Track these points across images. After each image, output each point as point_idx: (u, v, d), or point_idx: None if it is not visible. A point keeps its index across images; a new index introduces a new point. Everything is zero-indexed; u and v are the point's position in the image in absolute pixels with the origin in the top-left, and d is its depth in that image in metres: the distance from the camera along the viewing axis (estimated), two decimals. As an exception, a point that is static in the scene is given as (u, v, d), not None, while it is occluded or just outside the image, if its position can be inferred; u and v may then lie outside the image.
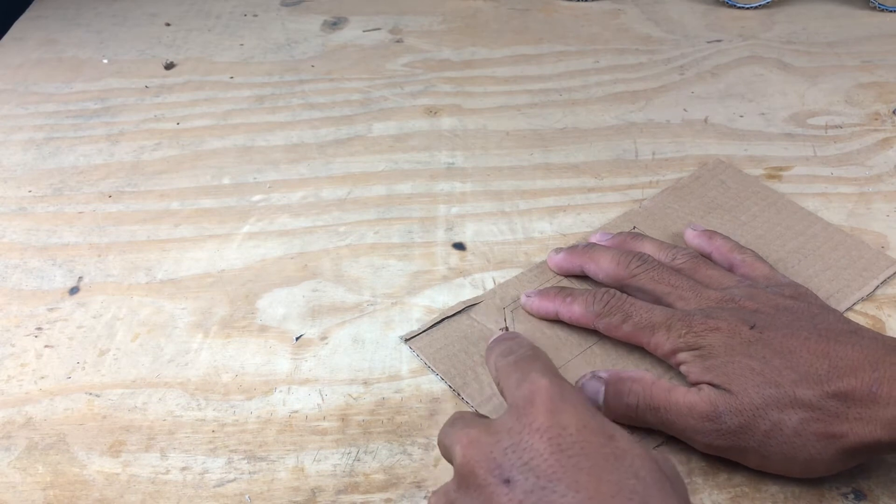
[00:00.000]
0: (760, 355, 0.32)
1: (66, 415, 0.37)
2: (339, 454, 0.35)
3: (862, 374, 0.30)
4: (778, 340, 0.32)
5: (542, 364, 0.30)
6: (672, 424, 0.33)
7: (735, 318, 0.33)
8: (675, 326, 0.34)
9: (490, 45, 0.63)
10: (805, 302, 0.35)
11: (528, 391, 0.27)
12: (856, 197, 0.47)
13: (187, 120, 0.56)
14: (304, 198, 0.49)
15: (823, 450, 0.30)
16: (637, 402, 0.33)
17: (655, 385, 0.33)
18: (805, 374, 0.31)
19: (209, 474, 0.35)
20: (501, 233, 0.46)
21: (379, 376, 0.38)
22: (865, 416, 0.30)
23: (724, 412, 0.31)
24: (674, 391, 0.33)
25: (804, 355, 0.32)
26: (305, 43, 0.64)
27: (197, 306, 0.42)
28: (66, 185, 0.50)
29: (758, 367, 0.32)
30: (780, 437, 0.31)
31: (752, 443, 0.31)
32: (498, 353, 0.32)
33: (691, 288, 0.37)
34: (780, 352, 0.32)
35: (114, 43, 0.65)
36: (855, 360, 0.31)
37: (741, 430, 0.31)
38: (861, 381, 0.30)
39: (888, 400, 0.30)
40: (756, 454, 0.32)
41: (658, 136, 0.53)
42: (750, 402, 0.31)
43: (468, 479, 0.26)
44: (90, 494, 0.34)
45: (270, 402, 0.37)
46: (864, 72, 0.58)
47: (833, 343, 0.32)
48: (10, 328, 0.41)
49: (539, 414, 0.26)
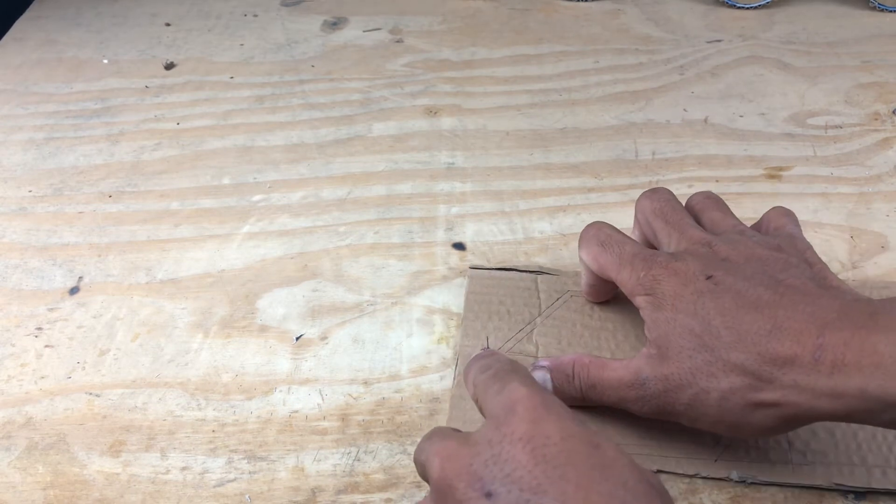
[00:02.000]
0: (703, 313, 0.30)
1: (67, 415, 0.37)
2: (339, 454, 0.35)
3: (805, 337, 0.28)
4: (729, 296, 0.30)
5: (522, 375, 0.28)
6: (609, 399, 0.33)
7: (697, 265, 0.32)
8: (637, 265, 0.33)
9: (490, 45, 0.63)
10: (787, 253, 0.33)
11: (508, 400, 0.26)
12: (856, 197, 0.47)
13: (187, 120, 0.56)
14: (304, 198, 0.49)
15: (750, 416, 0.29)
16: (580, 383, 0.34)
17: (591, 364, 0.33)
18: (743, 334, 0.29)
19: (209, 474, 0.35)
20: (501, 233, 0.46)
21: (379, 376, 0.38)
22: (803, 384, 0.28)
23: (649, 378, 0.31)
24: (607, 366, 0.33)
25: (750, 313, 0.29)
26: (305, 43, 0.64)
27: (197, 306, 0.42)
28: (66, 185, 0.50)
29: (697, 329, 0.30)
30: (705, 402, 0.30)
31: (679, 407, 0.31)
32: (476, 370, 0.30)
33: (678, 225, 0.35)
34: (726, 309, 0.30)
35: (114, 43, 0.65)
36: (801, 321, 0.28)
37: (665, 394, 0.31)
38: (802, 346, 0.28)
39: (831, 368, 0.27)
40: (684, 417, 0.31)
41: (658, 136, 0.53)
42: (678, 368, 0.30)
43: (447, 495, 0.25)
44: (90, 494, 0.34)
45: (270, 402, 0.37)
46: (864, 72, 0.58)
47: (786, 300, 0.29)
48: (11, 328, 0.41)
49: (520, 423, 0.25)
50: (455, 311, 0.41)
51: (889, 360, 0.26)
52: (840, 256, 0.43)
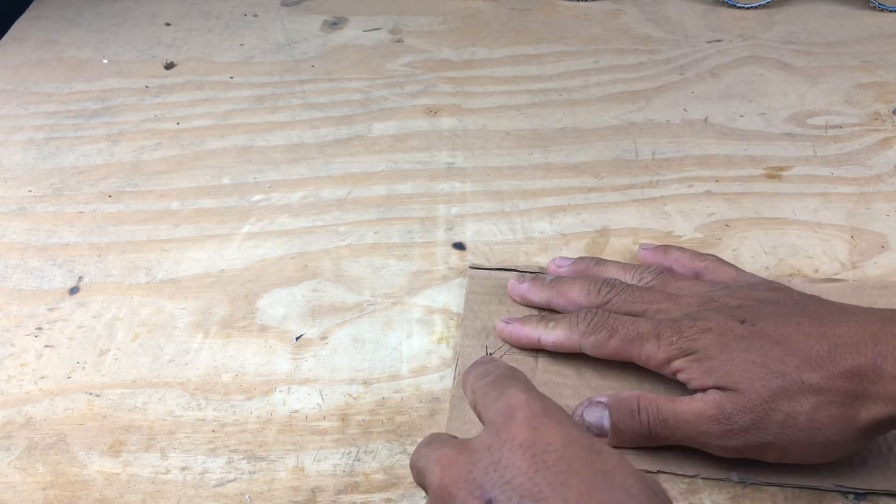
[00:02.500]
0: (758, 347, 0.31)
1: (67, 415, 0.37)
2: (339, 454, 0.35)
3: (864, 349, 0.30)
4: (771, 329, 0.32)
5: (521, 381, 0.28)
6: (684, 434, 0.32)
7: (723, 316, 0.33)
8: (664, 334, 0.33)
9: (490, 45, 0.63)
10: (783, 293, 0.35)
11: (507, 406, 0.26)
12: (856, 197, 0.47)
13: (187, 120, 0.56)
14: (304, 198, 0.49)
15: (840, 432, 0.30)
16: (648, 419, 0.33)
17: (659, 399, 0.33)
18: (807, 359, 0.30)
19: (209, 474, 0.35)
20: (501, 233, 0.46)
21: (379, 376, 0.38)
22: (874, 392, 0.29)
23: (734, 412, 0.31)
24: (678, 401, 0.32)
25: (801, 339, 0.31)
26: (305, 43, 0.64)
27: (197, 306, 0.42)
28: (66, 185, 0.50)
29: (759, 360, 0.31)
30: (795, 426, 0.30)
31: (768, 437, 0.30)
32: (474, 376, 0.30)
33: (668, 299, 0.36)
34: (776, 340, 0.31)
35: (114, 43, 0.65)
36: (854, 336, 0.30)
37: (754, 426, 0.30)
38: (865, 357, 0.30)
39: (894, 373, 0.29)
40: (773, 448, 0.31)
41: (658, 136, 0.53)
42: (758, 397, 0.30)
43: (446, 503, 0.25)
44: (90, 494, 0.34)
45: (270, 401, 0.37)
46: (864, 72, 0.58)
47: (827, 323, 0.31)
48: (11, 328, 0.41)
49: (520, 429, 0.25)
50: (455, 311, 0.41)
51: None
52: (840, 256, 0.43)
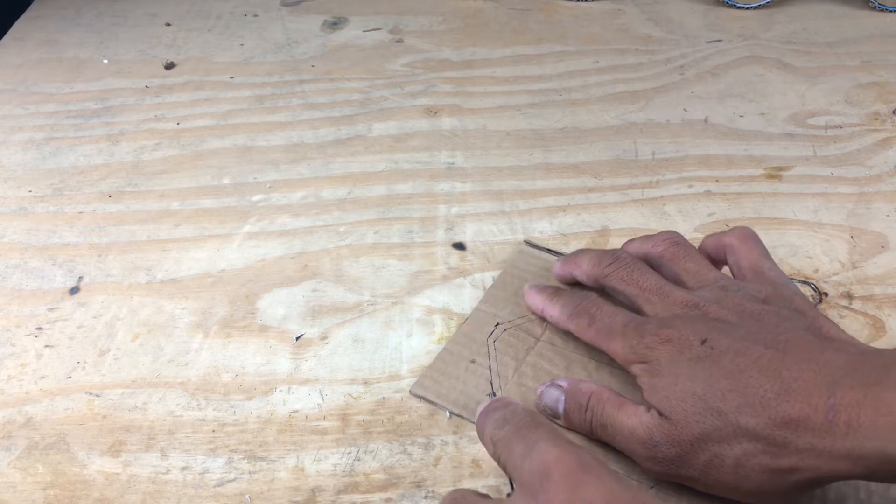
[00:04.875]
0: (706, 375, 0.29)
1: (67, 415, 0.37)
2: (339, 454, 0.35)
3: (815, 397, 0.27)
4: (728, 358, 0.29)
5: (547, 430, 0.26)
6: (618, 444, 0.32)
7: (689, 329, 0.31)
8: (628, 335, 0.32)
9: (490, 45, 0.63)
10: (777, 305, 0.32)
11: (540, 464, 0.24)
12: (856, 197, 0.47)
13: (187, 120, 0.56)
14: (304, 198, 0.49)
15: (769, 482, 0.28)
16: (592, 418, 0.32)
17: (609, 401, 0.32)
18: (752, 399, 0.28)
19: (209, 474, 0.35)
20: (501, 233, 0.46)
21: (379, 376, 0.38)
22: (820, 448, 0.26)
23: (661, 442, 0.29)
24: (623, 410, 0.31)
25: (754, 375, 0.28)
26: (305, 43, 0.64)
27: (197, 306, 0.42)
28: (66, 185, 0.50)
29: (700, 392, 0.29)
30: (721, 468, 0.28)
31: (693, 472, 0.29)
32: (492, 426, 0.29)
33: (659, 291, 0.34)
34: (728, 372, 0.29)
35: (114, 43, 0.65)
36: (809, 380, 0.27)
37: (679, 459, 0.29)
38: (814, 407, 0.26)
39: (846, 430, 0.26)
40: (698, 483, 0.30)
41: (658, 136, 0.53)
42: (689, 433, 0.29)
43: None
44: (90, 494, 0.34)
45: (270, 401, 0.37)
46: (863, 72, 0.58)
47: (790, 358, 0.28)
48: (11, 328, 0.41)
49: (557, 489, 0.23)
50: (455, 311, 0.41)
51: None
52: (840, 256, 0.43)
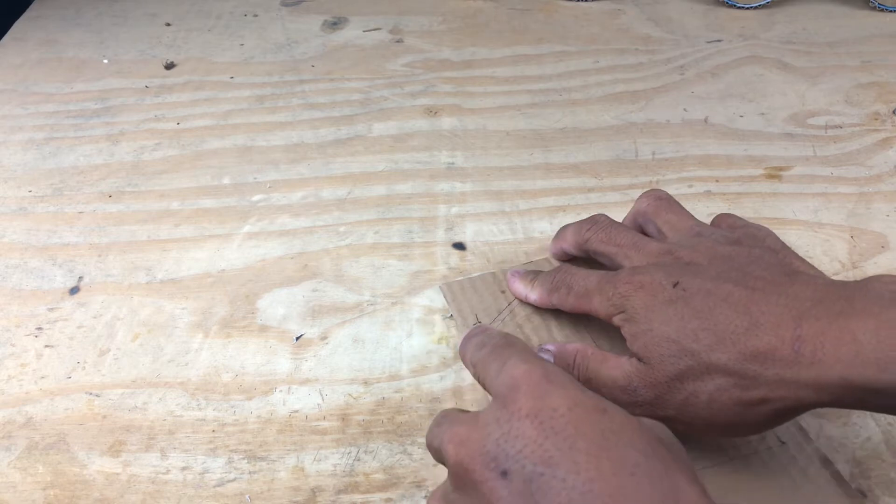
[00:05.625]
0: (679, 317, 0.30)
1: (67, 415, 0.37)
2: (339, 454, 0.35)
3: (783, 330, 0.28)
4: (699, 298, 0.30)
5: (519, 349, 0.28)
6: (604, 395, 0.32)
7: (661, 274, 0.32)
8: (604, 289, 0.34)
9: (490, 45, 0.63)
10: (748, 246, 0.33)
11: (510, 377, 0.26)
12: (856, 197, 0.47)
13: (187, 120, 0.56)
14: (304, 198, 0.49)
15: (741, 414, 0.29)
16: (578, 374, 0.33)
17: (592, 356, 0.33)
18: (722, 336, 0.29)
19: (209, 474, 0.35)
20: (501, 233, 0.46)
21: (379, 376, 0.38)
22: (787, 378, 0.28)
23: (639, 386, 0.31)
24: (605, 363, 0.33)
25: (724, 312, 0.30)
26: (305, 43, 0.64)
27: (197, 306, 0.42)
28: (66, 185, 0.50)
29: (673, 335, 0.30)
30: (696, 405, 0.30)
31: (670, 412, 0.30)
32: (472, 348, 0.31)
33: (634, 245, 0.36)
34: (699, 311, 0.30)
35: (114, 43, 0.65)
36: (777, 314, 0.28)
37: (656, 401, 0.31)
38: (781, 339, 0.28)
39: (811, 359, 0.27)
40: (678, 422, 0.31)
41: (658, 136, 0.53)
42: (664, 375, 0.30)
43: (464, 478, 0.26)
44: (90, 494, 0.34)
45: (270, 401, 0.37)
46: (863, 72, 0.58)
47: (758, 294, 0.29)
48: (11, 328, 0.41)
49: (525, 398, 0.25)
50: (455, 311, 0.41)
51: (868, 349, 0.26)
52: (840, 256, 0.43)
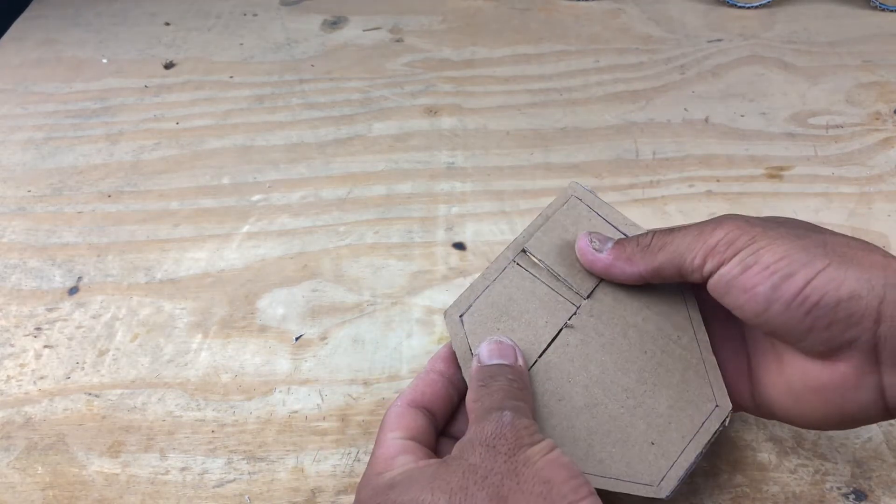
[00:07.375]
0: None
1: (66, 415, 0.37)
2: (338, 454, 0.35)
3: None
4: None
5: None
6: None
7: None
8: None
9: (490, 45, 0.63)
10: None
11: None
12: (857, 197, 0.47)
13: (187, 120, 0.56)
14: (303, 198, 0.49)
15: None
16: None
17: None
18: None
19: (209, 474, 0.34)
20: (502, 232, 0.46)
21: (379, 376, 0.38)
22: None
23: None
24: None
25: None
26: (305, 43, 0.64)
27: (196, 306, 0.42)
28: (65, 185, 0.50)
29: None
30: None
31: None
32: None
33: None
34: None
35: (113, 43, 0.64)
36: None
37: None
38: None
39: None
40: None
41: (659, 136, 0.52)
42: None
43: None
44: (90, 495, 0.34)
45: (270, 402, 0.37)
46: (864, 71, 0.58)
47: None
48: (10, 328, 0.41)
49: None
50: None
51: None
52: (841, 256, 0.43)
